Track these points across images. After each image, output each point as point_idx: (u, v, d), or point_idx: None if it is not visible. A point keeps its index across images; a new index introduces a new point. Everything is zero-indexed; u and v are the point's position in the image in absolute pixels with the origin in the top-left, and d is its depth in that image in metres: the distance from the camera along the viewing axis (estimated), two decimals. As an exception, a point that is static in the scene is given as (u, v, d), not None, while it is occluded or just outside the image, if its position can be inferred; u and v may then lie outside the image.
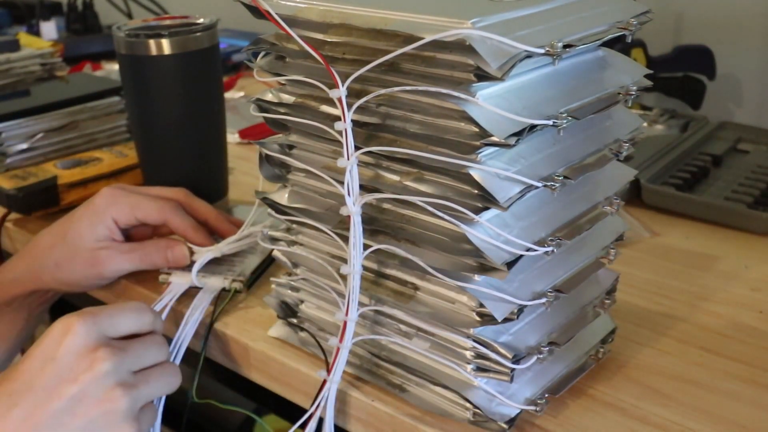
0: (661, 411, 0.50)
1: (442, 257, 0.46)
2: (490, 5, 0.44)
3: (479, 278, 0.45)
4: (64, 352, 0.49)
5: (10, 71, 0.99)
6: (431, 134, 0.44)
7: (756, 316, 0.60)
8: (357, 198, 0.47)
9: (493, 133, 0.41)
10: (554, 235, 0.46)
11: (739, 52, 1.00)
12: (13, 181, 0.79)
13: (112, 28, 0.75)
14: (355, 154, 0.46)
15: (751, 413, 0.50)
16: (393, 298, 0.49)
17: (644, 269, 0.67)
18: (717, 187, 0.80)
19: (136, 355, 0.52)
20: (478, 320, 0.46)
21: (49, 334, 0.50)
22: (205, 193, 0.76)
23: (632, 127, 0.51)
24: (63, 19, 1.47)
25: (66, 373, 0.48)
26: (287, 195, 0.55)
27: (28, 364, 0.49)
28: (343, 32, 0.46)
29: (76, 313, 0.51)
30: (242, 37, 1.40)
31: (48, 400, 0.48)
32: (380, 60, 0.43)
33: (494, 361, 0.47)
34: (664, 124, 0.93)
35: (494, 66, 0.40)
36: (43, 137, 0.89)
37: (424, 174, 0.46)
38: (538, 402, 0.48)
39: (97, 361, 0.49)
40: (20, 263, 0.67)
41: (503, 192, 0.43)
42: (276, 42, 0.51)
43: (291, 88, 0.52)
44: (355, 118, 0.46)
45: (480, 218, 0.43)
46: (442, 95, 0.42)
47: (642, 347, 0.57)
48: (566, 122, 0.44)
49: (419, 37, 0.41)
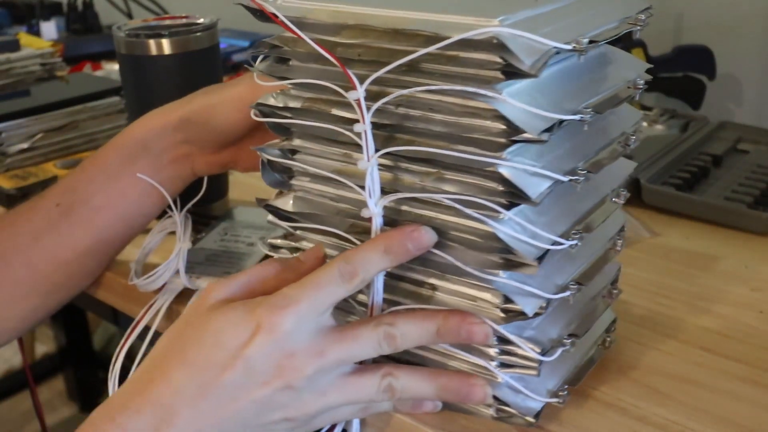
0: (661, 411, 0.50)
1: (464, 255, 0.46)
2: (501, 4, 0.44)
3: (503, 274, 0.46)
4: (254, 353, 0.43)
5: (10, 71, 0.99)
6: (454, 133, 0.44)
7: (756, 316, 0.60)
8: (378, 199, 0.47)
9: (526, 130, 0.42)
10: (574, 229, 0.47)
11: (739, 52, 1.00)
12: (13, 181, 0.79)
13: (112, 28, 0.75)
14: (375, 155, 0.45)
15: (751, 413, 0.50)
16: (411, 300, 0.49)
17: (644, 269, 0.67)
18: (717, 187, 0.80)
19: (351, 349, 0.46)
20: (503, 317, 0.46)
21: (229, 321, 0.44)
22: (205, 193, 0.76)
23: (634, 120, 0.52)
24: (63, 19, 1.47)
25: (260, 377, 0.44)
26: (292, 201, 0.54)
27: (201, 353, 0.44)
28: (358, 33, 0.46)
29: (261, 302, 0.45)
30: (242, 37, 1.40)
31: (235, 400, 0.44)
32: (405, 59, 0.42)
33: (521, 356, 0.47)
34: (664, 124, 0.93)
35: (528, 63, 0.40)
36: (43, 137, 0.89)
37: (445, 173, 0.46)
38: (560, 394, 0.49)
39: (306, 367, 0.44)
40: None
41: (534, 188, 0.43)
42: (280, 45, 0.50)
43: (296, 92, 0.51)
44: (373, 120, 0.46)
45: (510, 214, 0.44)
46: (469, 94, 0.42)
47: (642, 347, 0.57)
48: (590, 117, 0.44)
49: (444, 36, 0.41)
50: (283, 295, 0.45)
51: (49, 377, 1.89)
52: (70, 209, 0.62)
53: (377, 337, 0.46)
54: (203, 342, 0.44)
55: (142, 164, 0.62)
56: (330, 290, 0.45)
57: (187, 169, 0.64)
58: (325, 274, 0.45)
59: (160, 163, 0.62)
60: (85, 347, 1.81)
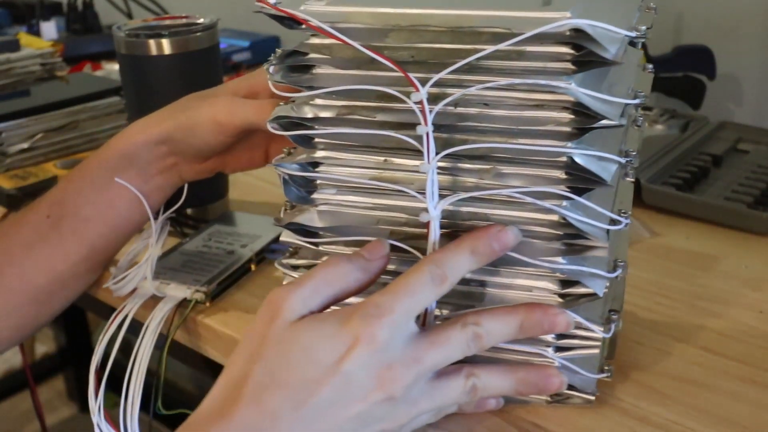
0: (661, 411, 0.50)
1: (521, 248, 0.47)
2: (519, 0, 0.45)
3: (563, 260, 0.47)
4: (353, 367, 0.42)
5: (10, 71, 0.99)
6: (516, 127, 0.45)
7: (756, 316, 0.60)
8: (438, 203, 0.46)
9: (607, 116, 0.43)
10: (617, 209, 0.48)
11: (739, 52, 1.00)
12: (13, 181, 0.79)
13: (112, 28, 0.75)
14: (436, 158, 0.45)
15: (751, 413, 0.50)
16: (461, 299, 0.49)
17: (644, 269, 0.67)
18: (717, 187, 0.80)
19: (436, 361, 0.45)
20: (560, 302, 0.48)
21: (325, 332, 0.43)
22: (205, 193, 0.76)
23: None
24: (63, 19, 1.47)
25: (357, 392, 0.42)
26: (317, 216, 0.51)
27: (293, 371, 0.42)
28: (410, 35, 0.45)
29: (350, 314, 0.43)
30: (242, 37, 1.40)
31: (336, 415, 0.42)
32: (474, 57, 0.43)
33: (580, 337, 0.49)
34: (664, 124, 0.93)
35: (612, 51, 0.42)
36: (43, 137, 0.89)
37: (501, 168, 0.46)
38: (605, 369, 0.51)
39: (393, 383, 0.43)
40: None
41: (605, 172, 0.45)
42: (310, 52, 0.48)
43: (323, 101, 0.48)
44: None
45: (582, 200, 0.45)
46: (539, 86, 0.43)
47: (642, 347, 0.57)
48: (643, 100, 0.46)
49: (517, 32, 0.42)
50: (375, 304, 0.43)
51: (49, 377, 1.89)
52: (60, 221, 0.62)
53: (466, 338, 0.45)
54: (294, 360, 0.43)
55: (129, 175, 0.62)
56: (423, 296, 0.44)
57: (175, 177, 0.64)
58: (416, 280, 0.44)
59: (147, 174, 0.63)
60: (85, 347, 1.81)
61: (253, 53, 1.35)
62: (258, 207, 0.80)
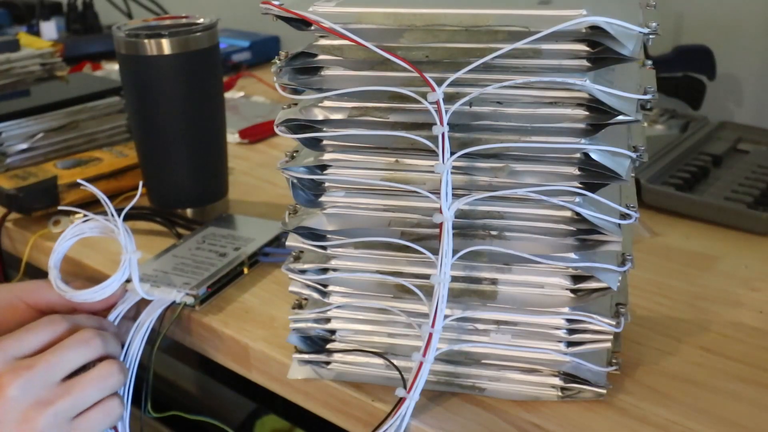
0: (661, 411, 0.50)
1: (534, 245, 0.47)
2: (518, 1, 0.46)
3: (575, 256, 0.47)
4: None
5: (10, 71, 0.99)
6: (531, 125, 0.45)
7: (756, 316, 0.60)
8: (452, 203, 0.46)
9: (624, 112, 0.43)
10: (625, 203, 0.48)
11: (739, 52, 1.00)
12: (13, 181, 0.79)
13: (112, 28, 0.75)
14: (451, 158, 0.45)
15: (751, 413, 0.50)
16: (471, 297, 0.49)
17: (644, 269, 0.67)
18: (717, 187, 0.80)
19: (49, 369, 0.52)
20: (572, 297, 0.48)
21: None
22: (205, 194, 0.76)
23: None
24: (63, 19, 1.47)
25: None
26: (326, 219, 0.50)
27: None
28: (425, 35, 0.45)
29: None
30: (242, 37, 1.40)
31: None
32: (492, 56, 0.43)
33: (592, 331, 0.49)
34: (664, 124, 0.93)
35: (630, 48, 0.42)
36: (43, 137, 0.89)
37: (515, 166, 0.46)
38: (613, 362, 0.51)
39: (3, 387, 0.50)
40: None
41: (620, 167, 0.45)
42: (320, 53, 0.48)
43: (333, 103, 0.48)
44: None
45: (595, 196, 0.45)
46: (555, 84, 0.44)
47: (642, 347, 0.57)
48: (654, 96, 0.46)
49: (534, 30, 0.42)
50: None
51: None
52: None
53: None
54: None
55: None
56: None
57: None
58: None
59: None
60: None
61: (253, 53, 1.35)
62: (258, 207, 0.80)
